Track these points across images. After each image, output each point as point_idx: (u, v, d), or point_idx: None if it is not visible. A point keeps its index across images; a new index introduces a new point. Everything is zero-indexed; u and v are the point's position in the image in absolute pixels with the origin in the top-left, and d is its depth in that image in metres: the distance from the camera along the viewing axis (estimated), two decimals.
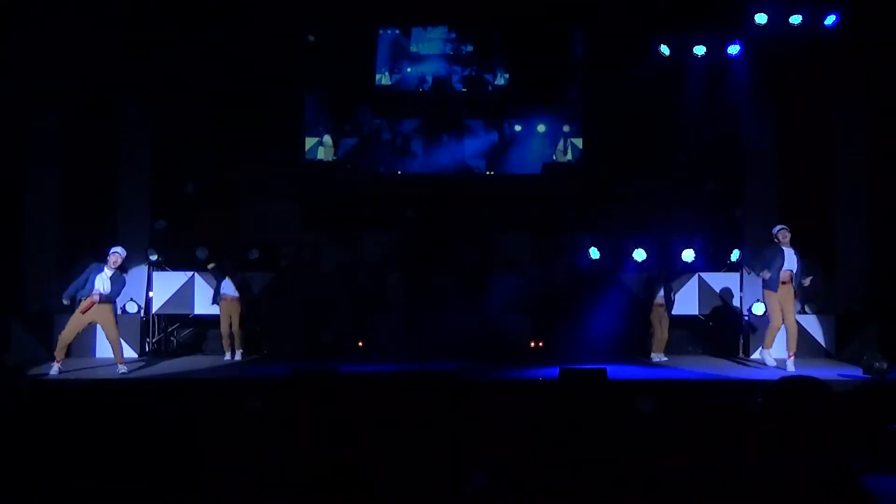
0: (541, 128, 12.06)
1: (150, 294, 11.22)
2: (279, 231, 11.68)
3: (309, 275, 11.51)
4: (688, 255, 10.89)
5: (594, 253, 11.13)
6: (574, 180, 11.92)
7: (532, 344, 11.13)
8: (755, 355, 9.56)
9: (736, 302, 11.17)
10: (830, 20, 10.37)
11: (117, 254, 9.28)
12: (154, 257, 11.01)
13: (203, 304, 11.13)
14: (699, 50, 11.04)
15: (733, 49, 10.96)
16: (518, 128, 12.08)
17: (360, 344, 11.06)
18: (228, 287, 10.61)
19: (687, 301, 11.06)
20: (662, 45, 11.06)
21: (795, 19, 10.45)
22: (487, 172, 12.14)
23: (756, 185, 11.19)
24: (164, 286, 11.27)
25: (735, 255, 11.05)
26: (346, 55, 12.05)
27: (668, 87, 11.21)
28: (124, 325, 10.23)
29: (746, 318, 10.96)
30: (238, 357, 10.70)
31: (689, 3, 10.86)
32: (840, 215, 10.78)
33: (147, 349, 11.03)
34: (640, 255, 10.93)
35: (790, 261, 9.33)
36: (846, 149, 10.78)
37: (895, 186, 10.40)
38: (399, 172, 12.14)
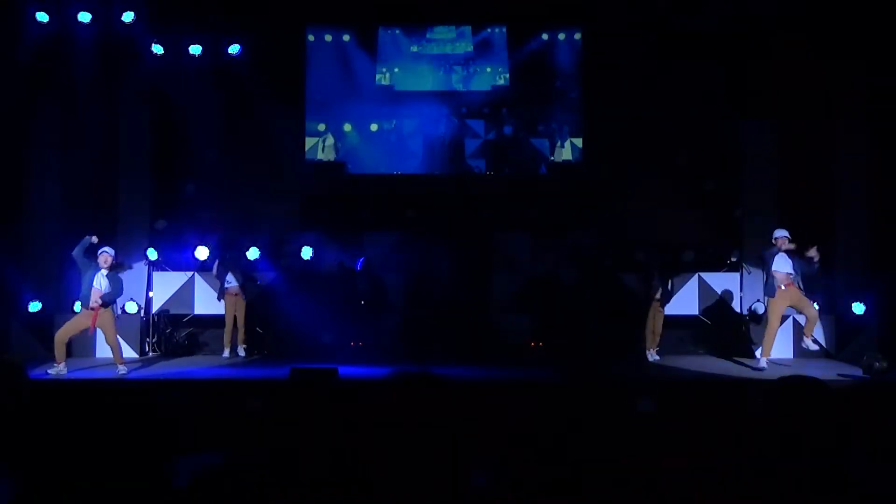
0: (541, 128, 12.06)
1: (150, 294, 11.22)
2: (279, 231, 11.68)
3: (309, 275, 11.51)
4: (686, 255, 10.90)
5: (589, 253, 11.15)
6: (574, 180, 11.91)
7: (532, 344, 11.13)
8: (759, 362, 9.53)
9: (736, 302, 11.17)
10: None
11: (106, 253, 9.28)
12: (154, 257, 11.01)
13: (203, 304, 11.14)
14: (698, 50, 11.02)
15: (733, 49, 10.94)
16: (518, 128, 12.07)
17: (360, 344, 11.06)
18: (231, 280, 10.65)
19: (687, 301, 11.06)
20: (657, 45, 11.06)
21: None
22: (487, 172, 12.14)
23: (756, 185, 11.19)
24: (164, 286, 11.27)
25: (735, 255, 11.06)
26: (347, 54, 12.05)
27: (667, 86, 11.20)
28: (124, 325, 10.24)
29: (746, 318, 10.97)
30: (241, 353, 10.73)
31: (689, 3, 10.86)
32: (840, 215, 10.77)
33: (147, 349, 11.03)
34: (636, 254, 10.95)
35: (786, 265, 9.30)
36: (846, 149, 10.78)
37: (895, 186, 10.40)
38: (399, 172, 12.14)
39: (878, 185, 10.57)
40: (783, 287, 9.28)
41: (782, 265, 9.28)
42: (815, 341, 9.35)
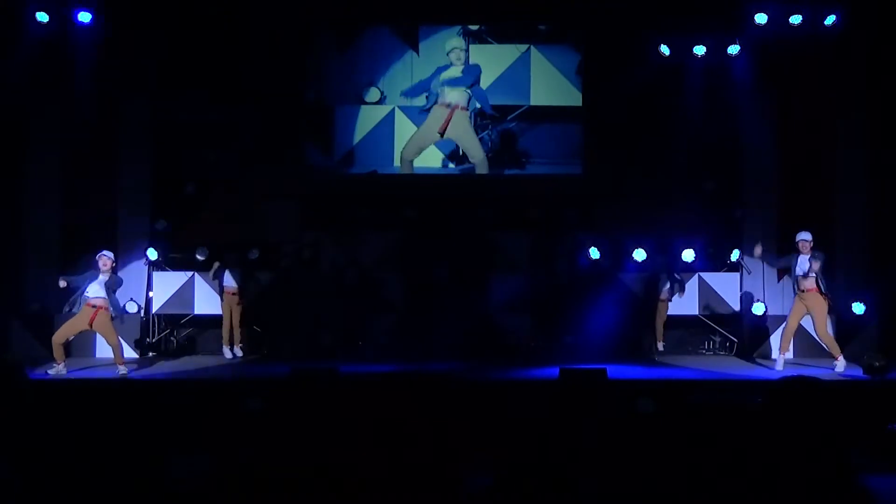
0: (541, 128, 12.04)
1: (150, 294, 11.22)
2: (279, 231, 11.67)
3: (309, 275, 11.50)
4: (688, 255, 10.90)
5: (594, 253, 11.13)
6: (574, 180, 11.90)
7: (532, 344, 11.12)
8: (776, 362, 9.61)
9: (736, 302, 11.17)
10: (830, 20, 10.37)
11: (105, 257, 9.28)
12: (154, 257, 11.01)
13: (203, 304, 11.14)
14: (699, 50, 11.03)
15: (733, 49, 10.95)
16: (519, 128, 12.05)
17: (360, 343, 11.07)
18: (229, 280, 10.66)
19: (687, 301, 11.06)
20: (662, 45, 11.05)
21: (795, 19, 10.45)
22: (488, 173, 12.12)
23: (756, 185, 11.19)
24: (164, 286, 11.26)
25: (735, 255, 11.06)
26: (347, 54, 12.04)
27: (668, 87, 11.20)
28: (124, 325, 10.22)
29: (746, 317, 10.97)
30: (238, 353, 10.73)
31: (689, 3, 10.85)
32: (840, 215, 10.77)
33: (147, 349, 11.03)
34: (640, 255, 10.94)
35: (800, 266, 9.28)
36: (846, 149, 10.78)
37: (895, 186, 10.40)
38: (399, 173, 12.12)
39: (878, 184, 10.59)
40: (804, 290, 9.28)
41: (799, 266, 9.28)
42: (843, 364, 9.35)
